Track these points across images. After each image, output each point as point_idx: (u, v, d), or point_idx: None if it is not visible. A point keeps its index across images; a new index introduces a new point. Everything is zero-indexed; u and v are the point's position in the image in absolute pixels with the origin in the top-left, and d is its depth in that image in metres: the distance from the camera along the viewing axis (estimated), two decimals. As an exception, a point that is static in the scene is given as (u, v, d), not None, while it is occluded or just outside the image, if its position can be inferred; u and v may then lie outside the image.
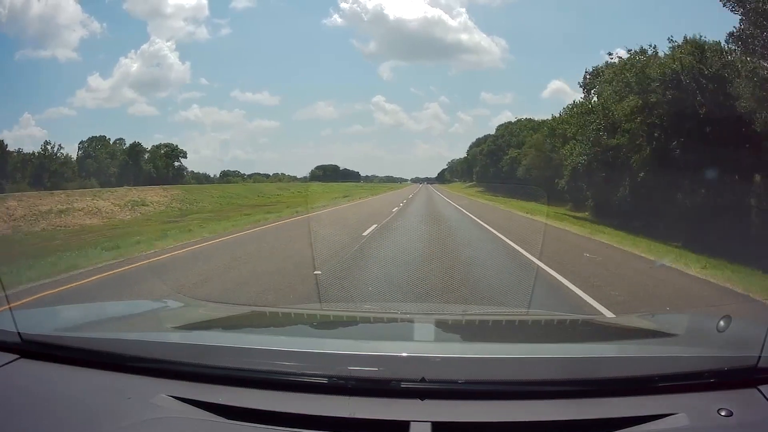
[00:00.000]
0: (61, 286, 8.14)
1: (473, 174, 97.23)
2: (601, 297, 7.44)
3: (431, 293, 6.84)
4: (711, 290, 8.70)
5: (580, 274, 9.41)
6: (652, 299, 7.75)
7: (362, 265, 9.62)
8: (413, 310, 3.77)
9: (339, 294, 7.10)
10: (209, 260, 10.94)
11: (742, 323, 2.24)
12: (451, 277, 8.03)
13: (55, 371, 1.69)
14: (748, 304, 7.68)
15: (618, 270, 10.72)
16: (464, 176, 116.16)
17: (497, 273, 9.53)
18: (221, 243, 14.19)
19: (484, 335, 2.49)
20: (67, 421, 1.46)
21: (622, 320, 3.25)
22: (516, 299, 6.52)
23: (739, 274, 10.30)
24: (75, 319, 2.48)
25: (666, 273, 10.45)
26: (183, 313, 2.75)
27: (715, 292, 8.57)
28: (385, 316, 2.94)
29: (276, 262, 10.63)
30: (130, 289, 7.94)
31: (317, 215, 24.19)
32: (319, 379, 1.54)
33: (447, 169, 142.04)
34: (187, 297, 6.56)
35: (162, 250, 12.34)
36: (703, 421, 1.42)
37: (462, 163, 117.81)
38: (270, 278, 8.72)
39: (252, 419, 1.44)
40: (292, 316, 2.82)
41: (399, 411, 1.44)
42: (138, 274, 9.32)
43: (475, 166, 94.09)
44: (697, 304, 7.60)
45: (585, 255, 12.57)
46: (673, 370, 1.59)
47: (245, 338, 2.23)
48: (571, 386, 1.54)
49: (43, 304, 6.80)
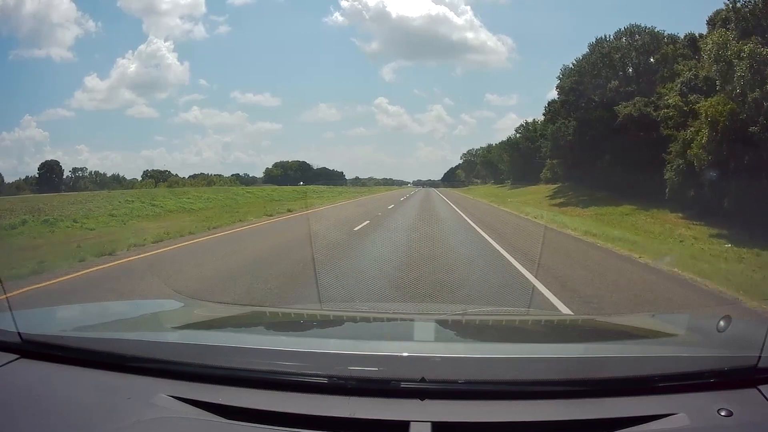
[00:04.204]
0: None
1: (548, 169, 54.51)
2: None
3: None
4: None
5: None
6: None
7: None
8: (413, 310, 3.77)
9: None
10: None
11: (742, 323, 2.25)
12: None
13: (55, 371, 1.69)
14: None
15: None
16: (494, 175, 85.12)
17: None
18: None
19: (484, 335, 2.49)
20: (67, 421, 1.47)
21: (622, 320, 3.25)
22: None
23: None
24: (75, 319, 2.49)
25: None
26: (183, 313, 2.75)
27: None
28: (385, 316, 2.94)
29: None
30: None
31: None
32: (319, 379, 1.54)
33: (463, 165, 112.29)
34: (187, 297, 6.55)
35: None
36: (703, 421, 1.42)
37: (501, 150, 78.97)
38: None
39: (252, 419, 1.44)
40: (292, 316, 2.82)
41: (399, 411, 1.44)
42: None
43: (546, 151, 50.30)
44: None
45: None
46: (673, 370, 1.59)
47: (245, 338, 2.23)
48: (571, 386, 1.54)
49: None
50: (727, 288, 8.40)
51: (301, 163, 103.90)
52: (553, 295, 7.44)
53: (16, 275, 9.34)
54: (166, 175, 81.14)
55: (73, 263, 10.90)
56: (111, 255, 12.05)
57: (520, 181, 65.38)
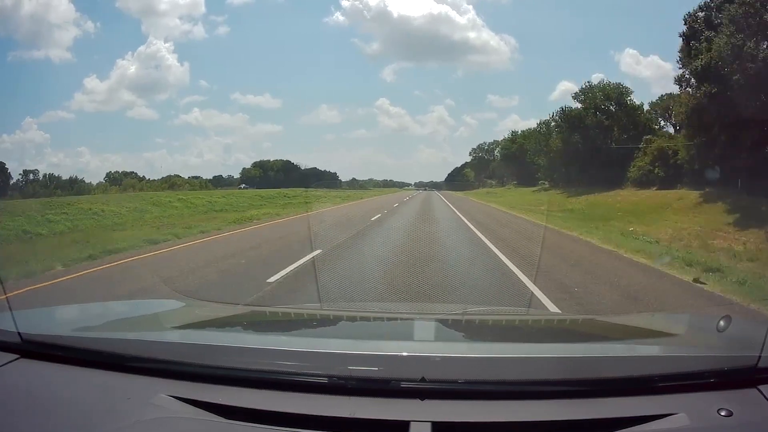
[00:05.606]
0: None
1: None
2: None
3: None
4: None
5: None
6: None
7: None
8: (413, 309, 3.77)
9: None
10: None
11: (742, 323, 2.25)
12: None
13: (55, 371, 1.69)
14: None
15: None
16: (521, 174, 67.70)
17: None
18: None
19: (484, 335, 2.49)
20: (67, 421, 1.47)
21: (622, 320, 3.25)
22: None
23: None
24: (75, 319, 2.49)
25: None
26: (183, 313, 2.75)
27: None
28: (385, 315, 2.94)
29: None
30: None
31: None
32: (319, 378, 1.54)
33: (473, 163, 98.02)
34: (187, 297, 6.54)
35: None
36: (703, 421, 1.42)
37: (539, 137, 56.44)
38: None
39: (252, 419, 1.44)
40: (292, 315, 2.82)
41: (399, 411, 1.44)
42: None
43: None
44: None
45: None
46: (673, 370, 1.59)
47: (245, 338, 2.23)
48: (571, 386, 1.54)
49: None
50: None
51: (285, 162, 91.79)
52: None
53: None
54: (131, 176, 76.54)
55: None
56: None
57: (575, 183, 44.25)
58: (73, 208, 27.02)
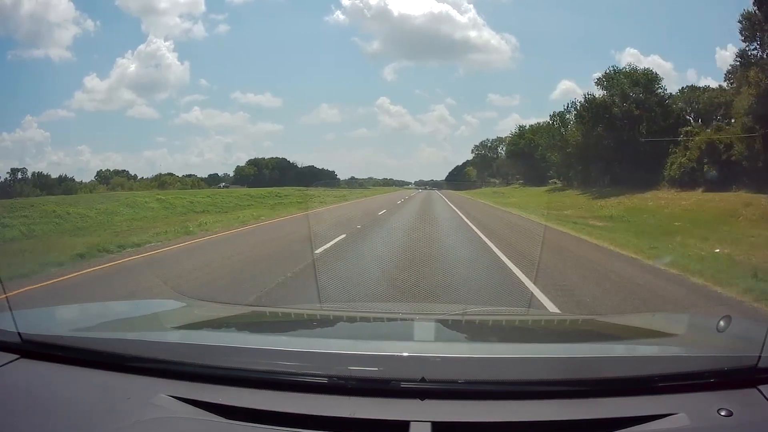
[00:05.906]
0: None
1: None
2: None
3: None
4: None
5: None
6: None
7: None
8: (413, 309, 3.77)
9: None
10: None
11: (742, 323, 2.25)
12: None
13: (55, 371, 1.69)
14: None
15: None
16: (529, 172, 61.38)
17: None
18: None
19: (484, 335, 2.49)
20: (67, 421, 1.47)
21: (622, 320, 3.25)
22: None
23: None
24: (75, 319, 2.49)
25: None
26: (183, 313, 2.75)
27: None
28: (385, 315, 2.94)
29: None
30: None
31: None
32: (319, 378, 1.54)
33: (475, 161, 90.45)
34: (187, 297, 6.54)
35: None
36: (703, 421, 1.42)
37: (551, 131, 50.66)
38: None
39: (252, 419, 1.44)
40: (292, 316, 2.82)
41: (399, 411, 1.44)
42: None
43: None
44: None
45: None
46: (673, 370, 1.59)
47: (245, 338, 2.23)
48: (571, 386, 1.54)
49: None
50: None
51: (281, 160, 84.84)
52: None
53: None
54: (121, 174, 71.59)
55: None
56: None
57: (595, 182, 39.60)
58: (36, 211, 24.90)
